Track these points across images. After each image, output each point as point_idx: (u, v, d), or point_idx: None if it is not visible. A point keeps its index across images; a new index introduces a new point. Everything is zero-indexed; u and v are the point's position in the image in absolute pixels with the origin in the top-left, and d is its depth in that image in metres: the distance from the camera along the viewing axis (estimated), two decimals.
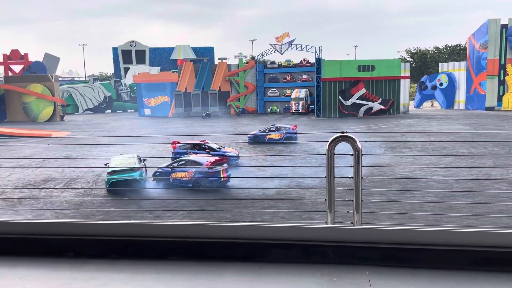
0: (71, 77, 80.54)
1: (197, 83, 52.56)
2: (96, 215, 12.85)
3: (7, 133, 34.56)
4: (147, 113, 53.13)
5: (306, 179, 17.20)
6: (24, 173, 19.93)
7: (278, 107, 53.86)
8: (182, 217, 12.71)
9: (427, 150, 24.08)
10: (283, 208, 13.23)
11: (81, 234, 1.66)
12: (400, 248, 1.51)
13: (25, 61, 52.40)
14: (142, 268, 1.55)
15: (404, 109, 50.55)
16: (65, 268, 1.56)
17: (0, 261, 1.60)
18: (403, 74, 49.91)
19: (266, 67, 55.56)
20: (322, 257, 1.53)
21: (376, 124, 37.90)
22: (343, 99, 46.75)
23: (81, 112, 60.25)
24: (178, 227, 1.64)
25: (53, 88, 50.32)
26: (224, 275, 1.49)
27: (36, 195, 15.96)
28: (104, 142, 24.90)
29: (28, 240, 1.67)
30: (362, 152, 3.09)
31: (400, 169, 18.65)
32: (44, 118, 49.68)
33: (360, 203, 3.15)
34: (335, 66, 46.68)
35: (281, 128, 30.31)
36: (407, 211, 11.37)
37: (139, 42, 67.34)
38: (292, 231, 1.57)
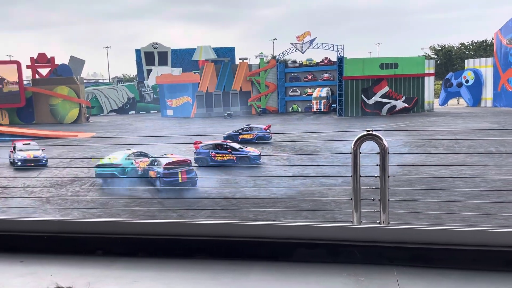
0: (95, 79, 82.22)
1: (219, 83, 52.84)
2: (122, 214, 13.08)
3: (35, 134, 35.56)
4: (170, 114, 53.74)
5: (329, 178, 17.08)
6: (52, 173, 20.46)
7: (299, 106, 53.62)
8: (205, 217, 12.82)
9: (453, 149, 23.54)
10: (306, 208, 13.16)
11: (110, 232, 1.69)
12: (429, 248, 1.48)
13: (52, 64, 53.76)
14: (169, 266, 1.57)
15: (428, 107, 49.54)
16: (95, 266, 1.60)
17: (32, 258, 1.65)
18: (428, 72, 48.89)
19: (287, 66, 55.36)
20: (348, 257, 1.52)
21: (400, 123, 37.28)
22: (365, 98, 46.17)
23: (106, 114, 61.41)
24: (204, 226, 1.66)
25: (78, 90, 51.48)
26: (250, 274, 1.50)
27: (63, 194, 16.36)
28: (128, 143, 25.32)
29: (60, 239, 1.71)
30: (388, 151, 3.05)
31: (426, 168, 18.30)
32: (70, 119, 50.87)
33: (387, 202, 3.11)
34: (357, 64, 46.13)
35: (254, 128, 30.37)
36: (433, 211, 11.15)
37: (161, 44, 68.19)
38: (318, 231, 1.57)
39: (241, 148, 22.30)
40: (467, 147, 23.62)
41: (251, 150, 22.44)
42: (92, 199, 15.60)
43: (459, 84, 54.08)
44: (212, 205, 14.11)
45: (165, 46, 68.22)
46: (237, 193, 15.88)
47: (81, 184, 17.83)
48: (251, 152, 22.18)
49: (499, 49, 51.21)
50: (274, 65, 54.51)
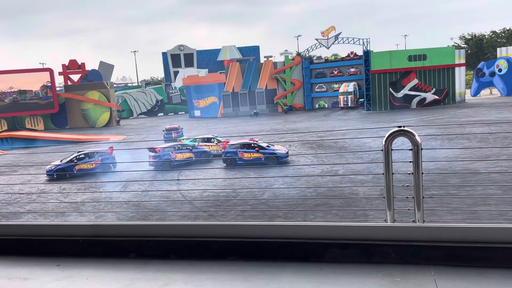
0: (124, 83, 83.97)
1: (244, 82, 53.00)
2: (154, 215, 13.32)
3: (70, 138, 36.70)
4: (197, 115, 54.34)
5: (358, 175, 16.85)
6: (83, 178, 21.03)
7: (326, 102, 53.13)
8: (235, 216, 12.88)
9: (488, 141, 22.77)
10: (336, 206, 13.03)
11: (142, 235, 1.71)
12: (468, 246, 1.43)
13: (83, 70, 55.32)
14: (201, 268, 1.58)
15: (460, 98, 48.10)
16: (128, 268, 1.62)
17: (68, 262, 1.69)
18: (458, 62, 47.46)
19: (312, 62, 54.93)
20: (383, 257, 1.48)
21: (431, 115, 36.36)
22: (394, 91, 45.26)
23: (135, 116, 62.70)
24: (234, 227, 1.65)
25: (108, 94, 52.79)
26: (282, 275, 1.48)
27: (97, 197, 16.81)
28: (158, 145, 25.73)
29: (94, 242, 1.74)
30: (421, 147, 2.96)
31: (459, 162, 17.77)
32: (101, 123, 52.22)
33: (421, 199, 3.02)
34: (384, 57, 45.27)
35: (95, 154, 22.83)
36: (469, 206, 10.81)
37: (186, 46, 69.00)
38: (350, 230, 1.53)
39: (269, 147, 22.31)
40: (503, 139, 22.78)
41: (279, 148, 22.42)
42: (125, 201, 15.95)
43: (492, 74, 52.22)
44: (241, 204, 14.17)
45: (190, 47, 69.00)
46: (266, 192, 15.89)
47: (114, 186, 18.27)
48: (278, 150, 22.15)
49: None
50: (299, 62, 54.20)
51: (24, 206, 15.73)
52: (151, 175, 20.44)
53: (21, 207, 15.48)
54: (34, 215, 14.18)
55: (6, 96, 50.69)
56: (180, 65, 67.90)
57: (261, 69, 53.76)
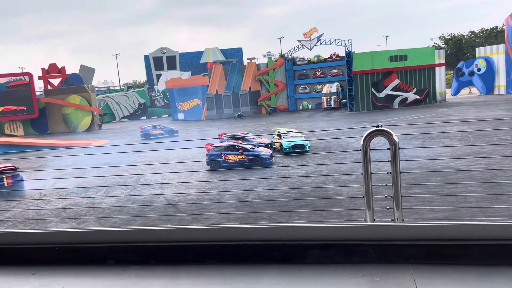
0: (106, 86, 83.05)
1: (228, 84, 52.94)
2: (137, 220, 13.17)
3: (50, 144, 36.06)
4: (181, 117, 54.03)
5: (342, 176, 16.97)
6: (68, 182, 20.69)
7: (310, 103, 53.44)
8: (219, 219, 12.83)
9: (468, 139, 23.21)
10: (320, 206, 13.09)
11: (120, 241, 1.68)
12: (446, 244, 1.44)
13: (63, 74, 54.46)
14: (181, 273, 1.56)
15: (441, 98, 48.96)
16: (106, 275, 1.59)
17: (44, 270, 1.65)
18: (438, 62, 48.34)
19: (295, 64, 55.22)
20: (363, 257, 1.48)
21: (412, 115, 36.90)
22: (376, 91, 45.81)
23: (118, 120, 62.01)
24: (214, 230, 1.64)
25: (90, 98, 52.08)
26: (262, 278, 1.47)
27: (79, 203, 16.55)
28: (140, 149, 25.51)
29: (71, 249, 1.71)
30: (399, 146, 2.99)
31: (440, 160, 18.06)
32: (83, 128, 51.49)
33: (400, 198, 3.05)
34: (366, 58, 45.79)
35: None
36: (450, 204, 10.98)
37: (169, 48, 68.60)
38: (330, 231, 1.53)
39: (253, 149, 22.31)
40: (482, 137, 23.25)
41: (263, 150, 22.42)
42: (108, 206, 15.74)
43: (471, 73, 53.29)
44: (226, 207, 14.13)
45: (173, 50, 68.62)
46: (250, 194, 15.87)
47: (96, 192, 18.01)
48: (262, 152, 22.17)
49: (510, 35, 50.34)
50: (282, 63, 54.41)
51: (3, 214, 15.38)
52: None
53: (0, 215, 15.14)
54: (14, 222, 13.88)
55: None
56: (162, 68, 67.45)
57: (244, 71, 53.80)
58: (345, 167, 18.79)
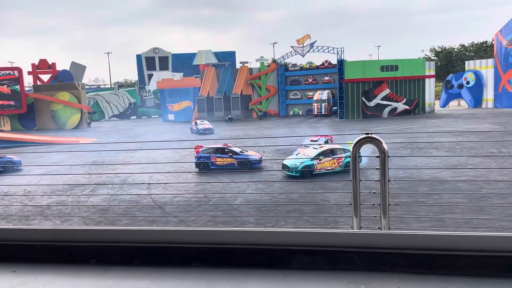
0: (97, 84, 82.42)
1: (219, 87, 52.92)
2: (122, 220, 13.04)
3: (37, 140, 35.60)
4: (171, 119, 53.80)
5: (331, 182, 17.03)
6: (53, 179, 20.45)
7: (300, 109, 53.66)
8: (206, 222, 12.77)
9: (455, 151, 23.48)
10: (307, 212, 13.11)
11: (104, 240, 1.66)
12: (432, 254, 1.44)
13: (53, 70, 53.89)
14: (164, 275, 1.53)
15: (429, 109, 49.53)
16: (88, 275, 1.56)
17: (24, 268, 1.61)
18: (428, 73, 48.93)
19: (288, 69, 55.45)
20: (348, 264, 1.48)
21: (401, 125, 37.25)
22: (366, 100, 46.18)
23: (107, 119, 61.51)
24: (200, 232, 1.62)
25: (80, 96, 51.58)
26: (247, 282, 1.46)
27: (64, 201, 16.34)
28: (129, 148, 25.33)
29: (52, 247, 1.67)
30: (388, 154, 3.00)
31: (427, 170, 18.23)
32: (71, 125, 50.94)
33: (387, 206, 3.06)
34: (358, 67, 46.18)
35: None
36: (436, 214, 11.08)
37: (162, 49, 68.37)
38: (316, 237, 1.53)
39: (242, 152, 22.27)
40: (469, 149, 23.55)
41: (252, 154, 22.39)
42: (93, 205, 15.57)
43: (460, 86, 54.03)
44: (213, 209, 14.07)
45: (166, 51, 68.41)
46: (238, 197, 15.84)
47: (81, 190, 17.80)
48: (252, 156, 22.15)
49: (499, 50, 51.21)
50: (274, 68, 54.59)
51: None
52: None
53: None
54: None
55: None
56: (154, 68, 67.17)
57: (236, 74, 53.84)
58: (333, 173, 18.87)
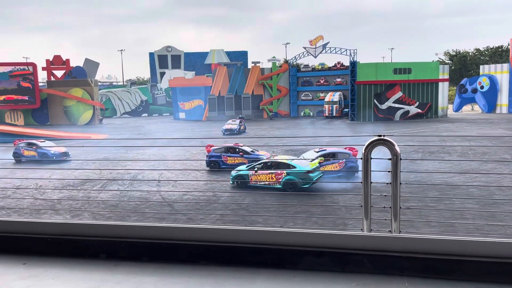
0: (109, 81, 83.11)
1: (231, 87, 52.99)
2: (132, 216, 13.14)
3: (50, 135, 36.02)
4: (182, 117, 54.02)
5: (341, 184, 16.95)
6: (64, 174, 20.67)
7: (311, 110, 53.49)
8: (214, 220, 12.80)
9: (467, 156, 23.20)
10: (316, 213, 13.06)
11: (114, 236, 1.67)
12: (442, 259, 1.42)
13: (67, 66, 54.47)
14: (173, 271, 1.54)
15: (442, 113, 49.02)
16: (97, 269, 1.57)
17: (35, 261, 1.63)
18: (442, 77, 48.43)
19: (300, 70, 55.30)
20: (357, 266, 1.47)
21: (413, 128, 36.92)
22: (378, 103, 45.87)
23: (119, 116, 61.98)
24: (208, 231, 1.62)
25: (92, 92, 52.07)
26: (255, 281, 1.46)
27: (74, 195, 16.51)
28: (139, 145, 25.50)
29: (63, 241, 1.69)
30: (400, 157, 2.98)
31: (439, 175, 18.04)
32: (83, 121, 51.45)
33: (398, 210, 3.03)
34: (370, 69, 45.89)
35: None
36: (446, 219, 10.96)
37: (174, 47, 68.69)
38: (326, 238, 1.52)
39: (253, 152, 22.25)
40: (482, 154, 23.25)
41: (263, 154, 22.35)
42: (103, 200, 15.70)
43: (474, 90, 53.37)
44: (221, 208, 14.10)
45: (178, 49, 68.71)
46: (247, 196, 15.85)
47: (92, 186, 17.97)
48: (262, 156, 22.11)
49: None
50: (286, 69, 54.50)
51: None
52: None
53: None
54: (7, 211, 13.83)
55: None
56: (167, 66, 67.50)
57: (248, 74, 53.87)
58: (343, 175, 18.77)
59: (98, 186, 17.92)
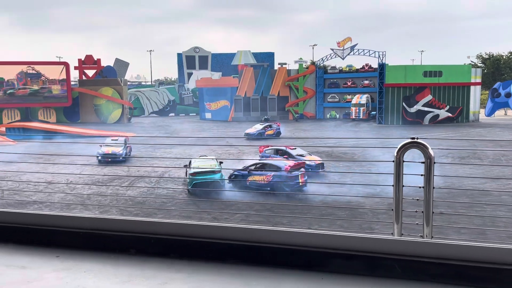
0: (138, 81, 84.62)
1: (257, 88, 53.09)
2: (158, 214, 13.34)
3: (81, 133, 37.00)
4: (208, 117, 54.50)
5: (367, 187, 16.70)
6: (94, 171, 21.19)
7: (338, 113, 52.95)
8: (239, 220, 12.84)
9: (500, 161, 22.46)
10: (342, 216, 12.92)
11: (143, 231, 1.69)
12: (476, 266, 1.38)
13: (98, 65, 55.82)
14: (200, 269, 1.55)
15: (474, 118, 47.64)
16: (126, 264, 1.60)
17: (68, 254, 1.67)
18: (474, 81, 47.08)
19: (327, 72, 54.86)
20: (388, 271, 1.44)
21: (443, 132, 36.03)
22: (407, 106, 44.99)
23: (147, 115, 63.06)
24: (237, 229, 1.63)
25: (122, 91, 53.18)
26: (283, 282, 1.45)
27: (103, 192, 16.89)
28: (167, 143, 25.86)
29: (95, 235, 1.73)
30: (434, 160, 2.90)
31: (469, 180, 17.54)
32: (113, 120, 52.59)
33: (431, 215, 2.96)
34: (400, 72, 45.06)
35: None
36: (478, 226, 10.64)
37: (202, 48, 69.39)
38: (355, 241, 1.50)
39: (300, 155, 20.77)
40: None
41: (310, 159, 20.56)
42: (130, 197, 16.00)
43: (508, 95, 51.56)
44: (246, 208, 14.13)
45: (206, 50, 69.36)
46: (271, 197, 15.83)
47: (120, 183, 18.34)
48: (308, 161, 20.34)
49: None
50: (313, 70, 54.17)
51: (30, 197, 15.86)
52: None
53: (27, 197, 15.62)
54: (39, 205, 14.28)
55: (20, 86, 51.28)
56: (194, 67, 68.26)
57: (274, 75, 53.83)
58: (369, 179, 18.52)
59: (127, 183, 18.28)
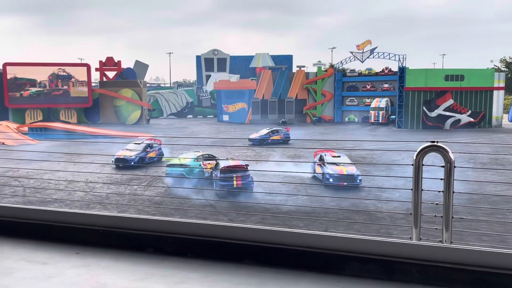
0: (157, 83, 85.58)
1: (275, 90, 53.07)
2: (175, 214, 13.44)
3: (101, 133, 37.59)
4: (225, 119, 54.73)
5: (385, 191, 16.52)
6: (113, 171, 21.50)
7: (356, 116, 52.50)
8: (255, 223, 12.84)
9: None
10: (359, 221, 12.79)
11: (161, 231, 1.71)
12: (496, 272, 1.35)
13: (118, 67, 56.68)
14: (217, 269, 1.56)
15: (496, 123, 46.58)
16: (144, 263, 1.62)
17: (87, 251, 1.70)
18: (497, 85, 46.03)
19: (345, 75, 54.45)
20: (405, 275, 1.42)
21: (465, 137, 35.33)
22: (427, 110, 44.29)
23: (165, 117, 63.69)
24: (253, 230, 1.63)
25: (141, 93, 53.88)
26: (299, 284, 1.45)
27: (122, 192, 17.13)
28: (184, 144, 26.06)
29: (113, 233, 1.76)
30: (454, 164, 2.85)
31: (491, 186, 17.16)
32: (132, 121, 53.29)
33: (450, 219, 2.91)
34: (420, 75, 44.41)
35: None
36: (499, 233, 10.40)
37: (220, 51, 69.79)
38: (373, 245, 1.48)
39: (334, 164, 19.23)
40: None
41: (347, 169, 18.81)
42: (148, 197, 16.18)
43: None
44: (262, 211, 14.12)
45: (224, 53, 69.74)
46: (288, 201, 15.78)
47: (139, 183, 18.56)
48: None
49: None
50: (331, 73, 53.86)
51: (51, 195, 16.19)
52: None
53: (48, 196, 15.95)
54: (60, 204, 14.56)
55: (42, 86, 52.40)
56: (212, 69, 68.70)
57: (292, 78, 53.73)
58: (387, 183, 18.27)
59: (144, 183, 18.49)
